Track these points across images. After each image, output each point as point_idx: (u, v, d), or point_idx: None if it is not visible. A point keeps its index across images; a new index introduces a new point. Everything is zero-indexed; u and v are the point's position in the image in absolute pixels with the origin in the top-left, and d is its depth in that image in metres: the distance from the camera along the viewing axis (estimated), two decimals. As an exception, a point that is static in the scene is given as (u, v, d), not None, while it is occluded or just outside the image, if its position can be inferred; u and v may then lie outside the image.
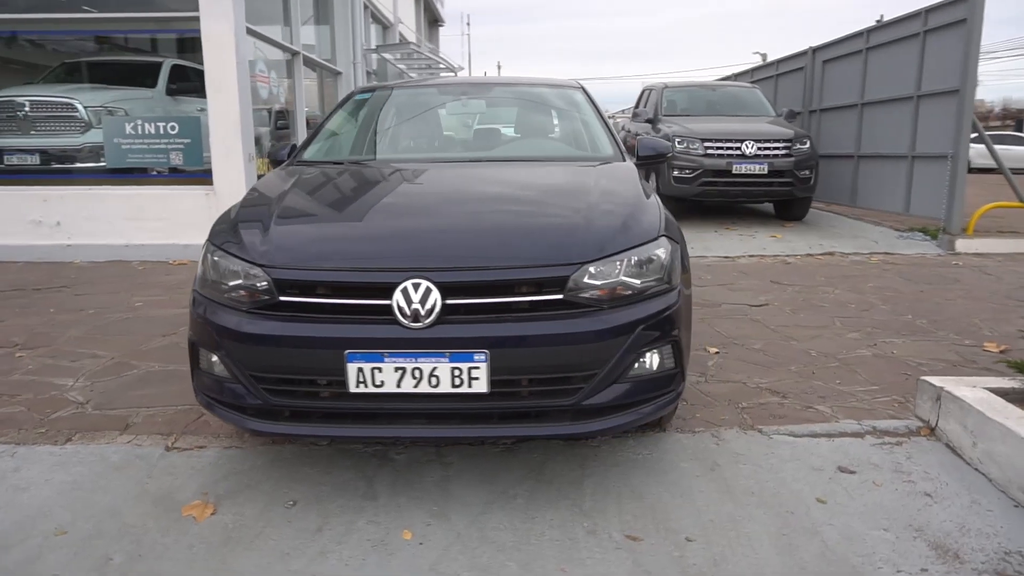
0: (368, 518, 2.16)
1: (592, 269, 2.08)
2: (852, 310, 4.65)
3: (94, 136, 7.24)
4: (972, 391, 2.48)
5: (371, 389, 2.00)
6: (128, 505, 2.23)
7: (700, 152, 8.02)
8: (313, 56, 9.83)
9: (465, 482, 2.35)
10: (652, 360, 2.18)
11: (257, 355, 2.07)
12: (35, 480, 2.39)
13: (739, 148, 7.92)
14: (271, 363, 2.06)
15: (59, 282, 5.63)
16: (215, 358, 2.17)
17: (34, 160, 7.55)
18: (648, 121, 9.39)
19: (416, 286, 1.98)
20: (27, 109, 7.52)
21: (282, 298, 2.07)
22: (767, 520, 2.11)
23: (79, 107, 7.48)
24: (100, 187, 6.92)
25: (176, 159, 7.04)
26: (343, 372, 1.99)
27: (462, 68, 20.13)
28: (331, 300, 2.04)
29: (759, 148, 7.91)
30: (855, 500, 2.21)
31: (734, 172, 7.92)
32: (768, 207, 9.51)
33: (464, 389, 2.00)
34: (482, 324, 1.99)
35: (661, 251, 2.24)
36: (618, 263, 2.13)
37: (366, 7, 13.21)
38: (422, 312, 1.96)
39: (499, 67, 52.60)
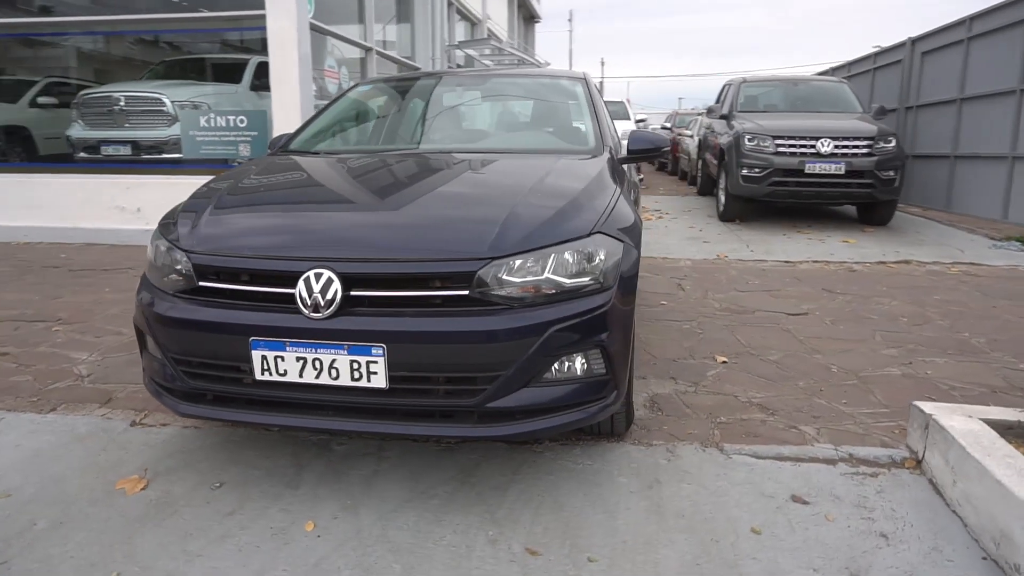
0: (282, 506, 2.16)
1: (508, 264, 1.97)
2: (902, 324, 4.22)
3: (178, 129, 7.75)
4: (964, 421, 2.17)
5: (275, 377, 2.00)
6: (74, 475, 2.35)
7: (771, 150, 7.56)
8: (389, 53, 10.05)
9: (391, 478, 2.31)
10: (576, 365, 2.05)
11: (175, 338, 2.11)
12: (6, 445, 2.56)
13: (813, 146, 7.40)
14: (187, 347, 2.10)
15: (127, 264, 6.06)
16: (151, 341, 2.24)
17: (125, 151, 8.17)
18: (723, 117, 8.97)
19: (318, 276, 1.95)
20: (122, 104, 8.12)
21: (201, 283, 2.10)
22: (686, 547, 1.93)
23: (167, 102, 8.00)
24: (177, 176, 7.39)
25: (245, 150, 7.42)
26: (249, 359, 2.00)
27: (549, 64, 20.00)
28: (241, 287, 2.05)
29: (836, 146, 7.36)
30: (795, 534, 1.98)
31: (807, 172, 7.41)
32: (851, 210, 8.85)
33: (363, 383, 1.95)
34: (380, 318, 1.93)
35: (593, 249, 2.10)
36: (540, 260, 2.01)
37: (451, 4, 13.41)
38: (322, 303, 1.93)
39: (602, 63, 52.05)
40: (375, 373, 1.94)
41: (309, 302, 1.94)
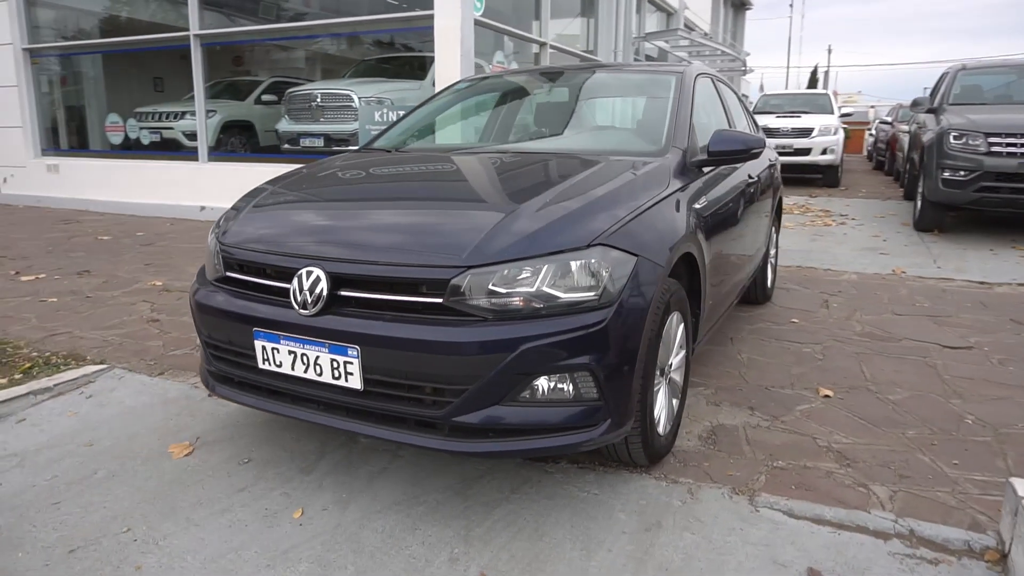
0: (287, 489, 2.27)
1: (491, 274, 1.87)
2: (1099, 374, 3.36)
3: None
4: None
5: (274, 368, 2.10)
6: (145, 433, 2.66)
7: (982, 149, 6.39)
8: (564, 47, 10.05)
9: (394, 478, 2.32)
10: (559, 387, 1.90)
11: (203, 322, 2.30)
12: (114, 401, 2.97)
13: (1039, 146, 6.13)
14: (210, 331, 2.28)
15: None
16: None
17: (319, 143, 9.07)
18: (931, 111, 7.76)
19: (309, 274, 2.00)
20: (318, 100, 9.01)
21: (228, 274, 2.26)
22: (652, 605, 1.71)
23: (355, 97, 8.74)
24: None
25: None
26: (253, 348, 2.11)
27: (748, 54, 18.63)
28: (254, 279, 2.17)
29: (1072, 146, 6.02)
30: (790, 615, 1.66)
31: (1028, 176, 6.16)
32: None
33: (342, 382, 1.98)
34: (357, 319, 1.94)
35: (593, 262, 1.92)
36: (530, 270, 1.89)
37: (641, -6, 13.05)
38: (309, 300, 1.98)
39: (828, 51, 47.51)
40: (351, 374, 1.95)
41: (299, 299, 2.00)
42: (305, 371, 2.03)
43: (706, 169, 2.83)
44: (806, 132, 11.56)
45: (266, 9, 9.77)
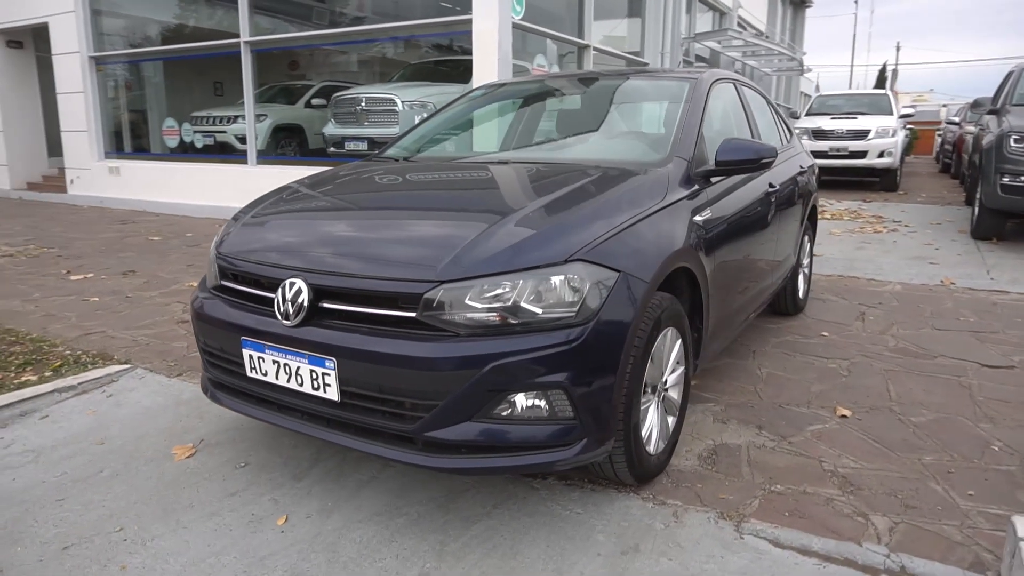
0: (276, 496, 2.30)
1: (465, 288, 1.86)
2: None
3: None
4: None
5: (260, 376, 2.13)
6: (153, 434, 2.75)
7: (1046, 154, 6.02)
8: (608, 48, 9.94)
9: (380, 488, 2.33)
10: (533, 405, 1.87)
11: (199, 330, 2.36)
12: (131, 400, 3.09)
13: (1109, 150, 5.73)
14: (205, 339, 2.33)
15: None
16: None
17: (363, 146, 9.23)
18: (993, 112, 7.36)
19: (291, 285, 2.03)
20: (363, 104, 9.16)
21: (223, 282, 2.32)
22: (615, 633, 1.66)
23: (398, 101, 8.86)
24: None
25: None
26: (241, 356, 2.16)
27: (805, 53, 18.02)
28: (244, 288, 2.22)
29: None
30: (757, 652, 1.59)
31: (1096, 183, 5.77)
32: None
33: (320, 393, 2.00)
34: (334, 331, 1.95)
35: (569, 278, 1.88)
36: (505, 285, 1.86)
37: (691, -6, 12.82)
38: (291, 311, 2.01)
39: (897, 48, 45.55)
40: (329, 385, 1.97)
41: (282, 309, 2.03)
42: (287, 381, 2.06)
43: (714, 179, 2.74)
44: (862, 134, 11.12)
45: (319, 14, 10.02)
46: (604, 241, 2.00)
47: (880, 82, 43.59)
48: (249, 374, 2.16)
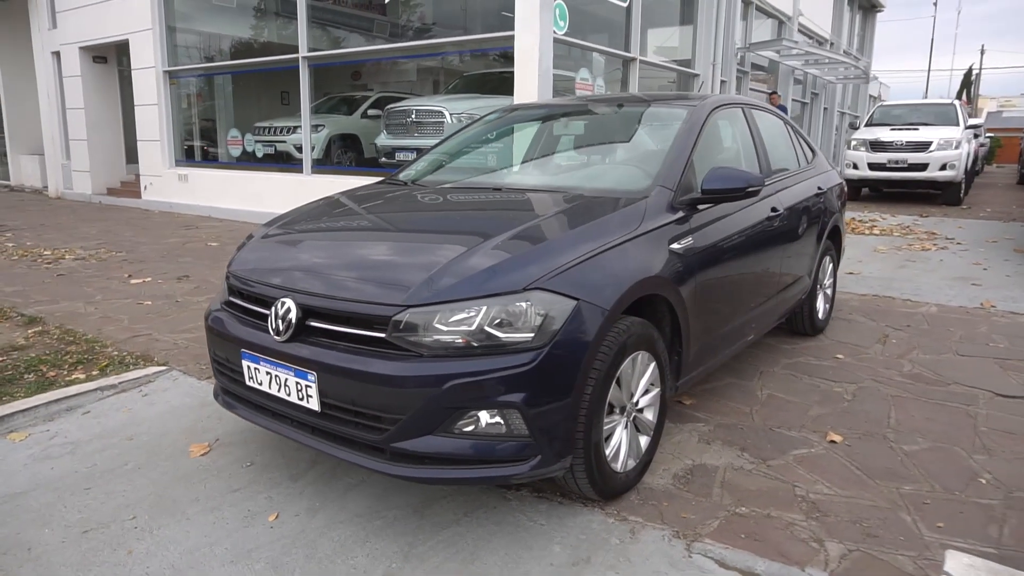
0: (271, 494, 2.52)
1: (432, 313, 2.02)
2: None
3: (453, 138, 8.83)
4: (966, 563, 1.59)
5: (257, 385, 2.36)
6: (176, 432, 3.03)
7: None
8: (656, 60, 9.96)
9: (365, 492, 2.52)
10: (491, 422, 2.02)
11: (210, 340, 2.60)
12: (163, 400, 3.39)
13: None
14: (214, 349, 2.58)
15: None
16: (211, 338, 2.78)
17: (413, 157, 9.52)
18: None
19: (283, 304, 2.24)
20: (413, 116, 9.48)
21: (230, 298, 2.56)
22: (549, 638, 1.79)
23: (446, 113, 9.14)
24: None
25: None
26: (241, 367, 2.38)
27: (868, 61, 17.39)
28: (246, 304, 2.44)
29: None
30: (676, 665, 1.69)
31: None
32: None
33: (304, 403, 2.20)
34: (316, 348, 2.15)
35: (527, 305, 2.03)
36: (469, 311, 2.02)
37: (747, 2, 12.66)
38: (282, 327, 2.22)
39: (982, 52, 43.34)
40: (311, 396, 2.17)
41: (274, 325, 2.25)
42: (278, 390, 2.27)
43: (702, 207, 2.82)
44: (923, 146, 10.75)
45: (380, 26, 10.42)
46: (566, 270, 2.13)
47: (964, 88, 41.57)
48: (248, 383, 2.39)
